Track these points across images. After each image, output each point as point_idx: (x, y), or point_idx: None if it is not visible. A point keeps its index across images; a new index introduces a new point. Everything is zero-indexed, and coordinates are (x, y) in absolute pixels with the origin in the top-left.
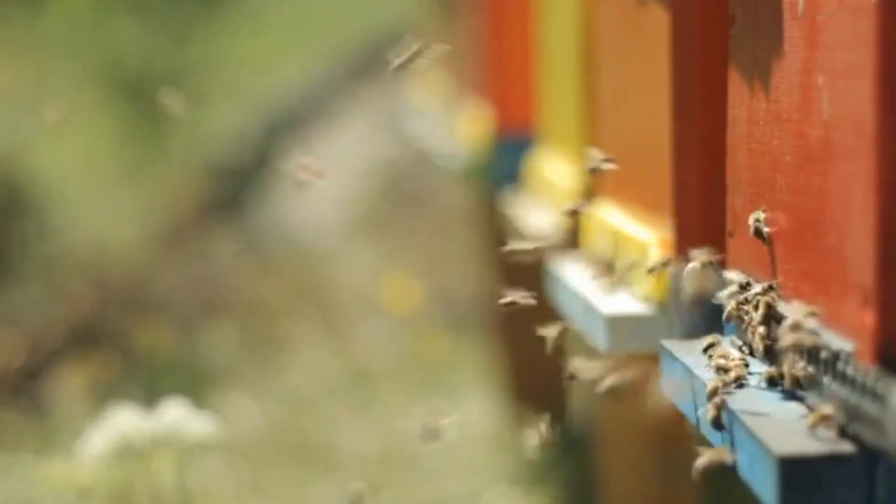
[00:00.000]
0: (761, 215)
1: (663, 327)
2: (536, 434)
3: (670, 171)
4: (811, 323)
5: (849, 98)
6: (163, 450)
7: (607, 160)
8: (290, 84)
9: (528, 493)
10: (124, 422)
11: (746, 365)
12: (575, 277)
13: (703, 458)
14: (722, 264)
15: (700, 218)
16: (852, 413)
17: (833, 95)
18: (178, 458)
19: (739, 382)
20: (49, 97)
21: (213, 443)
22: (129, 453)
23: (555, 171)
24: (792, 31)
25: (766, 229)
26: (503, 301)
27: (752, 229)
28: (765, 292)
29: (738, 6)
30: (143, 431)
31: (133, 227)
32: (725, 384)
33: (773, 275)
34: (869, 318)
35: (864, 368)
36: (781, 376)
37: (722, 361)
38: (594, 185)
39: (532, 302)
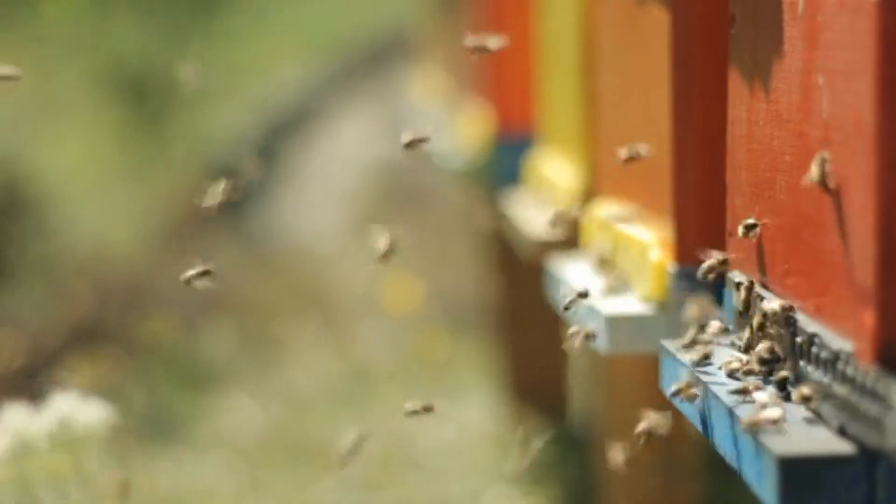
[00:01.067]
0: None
1: (663, 327)
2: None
3: (670, 171)
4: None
5: (849, 98)
6: (58, 442)
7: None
8: (290, 84)
9: (528, 493)
10: (15, 420)
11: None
12: (575, 277)
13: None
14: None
15: (700, 218)
16: (852, 413)
17: (833, 95)
18: (73, 448)
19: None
20: (49, 97)
21: (105, 428)
22: (26, 450)
23: (555, 171)
24: (792, 31)
25: (753, 223)
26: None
27: (741, 230)
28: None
29: (738, 6)
30: (35, 427)
31: (133, 226)
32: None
33: (764, 273)
34: (869, 318)
35: (864, 368)
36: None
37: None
38: (594, 185)
39: None
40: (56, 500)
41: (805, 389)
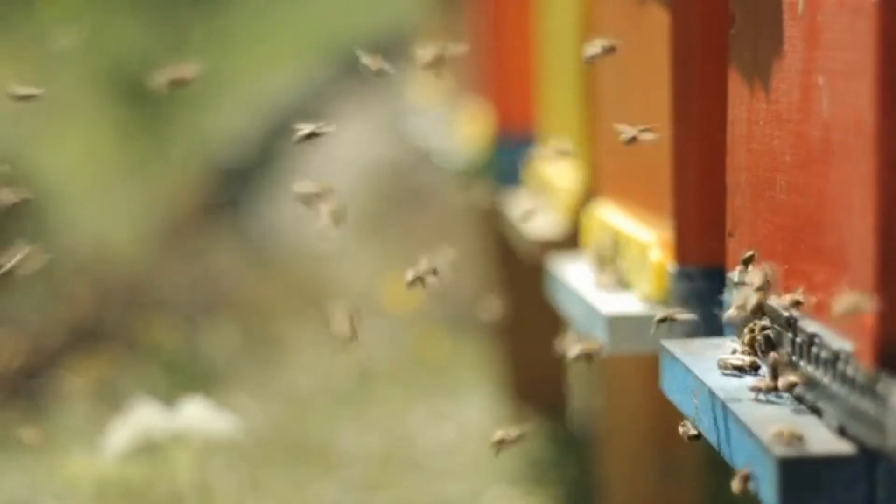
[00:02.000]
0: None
1: (663, 327)
2: None
3: (670, 171)
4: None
5: (849, 98)
6: (182, 446)
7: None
8: (290, 84)
9: (528, 493)
10: (145, 417)
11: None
12: (575, 277)
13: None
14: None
15: (700, 218)
16: (852, 413)
17: (833, 95)
18: (196, 455)
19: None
20: (49, 97)
21: (231, 441)
22: (149, 449)
23: (555, 171)
24: (792, 31)
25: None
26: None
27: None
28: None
29: (738, 6)
30: (163, 427)
31: (133, 226)
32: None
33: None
34: (869, 318)
35: (864, 368)
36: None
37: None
38: (594, 185)
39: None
40: (167, 500)
41: (791, 377)
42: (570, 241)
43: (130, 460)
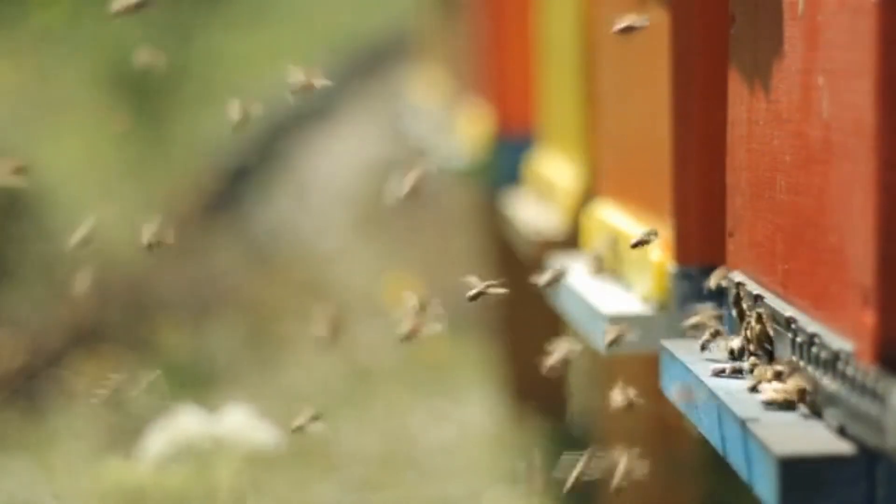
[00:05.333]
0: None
1: (663, 327)
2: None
3: (670, 171)
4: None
5: (849, 98)
6: (222, 455)
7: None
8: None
9: (528, 493)
10: (186, 424)
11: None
12: (575, 277)
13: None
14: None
15: (700, 218)
16: (852, 413)
17: (833, 95)
18: (236, 464)
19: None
20: (49, 97)
21: (272, 452)
22: (188, 456)
23: (555, 171)
24: (792, 31)
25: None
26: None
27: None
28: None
29: (738, 6)
30: (204, 435)
31: (133, 226)
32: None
33: (764, 273)
34: (869, 318)
35: (864, 368)
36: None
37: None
38: (594, 185)
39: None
40: None
41: (800, 382)
42: (570, 241)
43: (167, 467)
